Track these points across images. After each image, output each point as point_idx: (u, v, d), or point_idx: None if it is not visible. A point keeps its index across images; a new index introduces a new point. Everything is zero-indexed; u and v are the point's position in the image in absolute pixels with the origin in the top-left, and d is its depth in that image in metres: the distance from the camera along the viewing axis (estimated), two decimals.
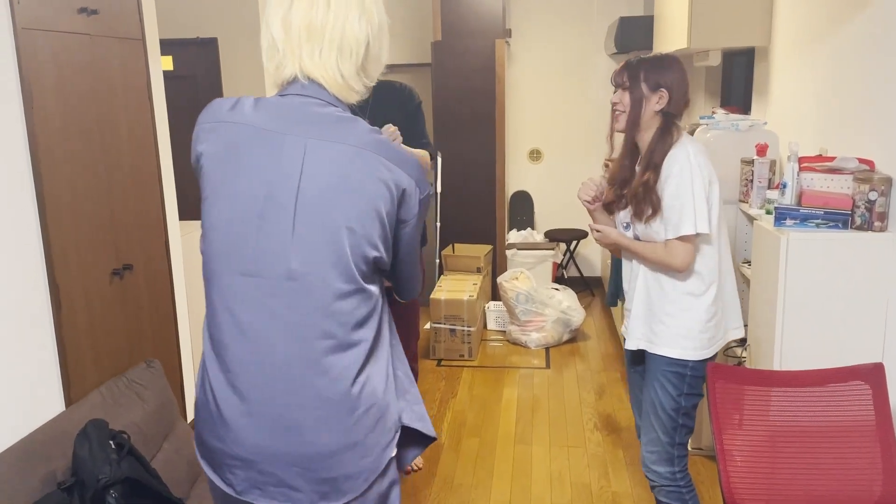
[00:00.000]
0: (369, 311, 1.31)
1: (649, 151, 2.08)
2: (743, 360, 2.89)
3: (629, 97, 2.10)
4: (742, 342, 2.85)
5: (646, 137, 2.12)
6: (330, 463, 1.28)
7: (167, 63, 4.50)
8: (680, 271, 2.09)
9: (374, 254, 1.28)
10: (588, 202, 2.28)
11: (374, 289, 1.32)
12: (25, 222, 2.39)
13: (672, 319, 2.13)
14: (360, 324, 1.30)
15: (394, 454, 1.37)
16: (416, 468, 3.19)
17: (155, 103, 3.20)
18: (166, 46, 4.51)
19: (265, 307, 1.27)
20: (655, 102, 2.08)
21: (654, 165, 2.06)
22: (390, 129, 2.51)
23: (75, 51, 2.58)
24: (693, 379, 2.16)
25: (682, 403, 2.17)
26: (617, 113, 2.14)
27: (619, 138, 2.20)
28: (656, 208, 2.06)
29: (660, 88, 2.06)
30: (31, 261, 2.41)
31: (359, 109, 2.83)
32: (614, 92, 2.16)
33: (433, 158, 2.88)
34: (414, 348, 3.10)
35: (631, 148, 2.18)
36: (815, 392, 2.14)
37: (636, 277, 2.20)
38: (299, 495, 1.29)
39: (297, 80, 1.30)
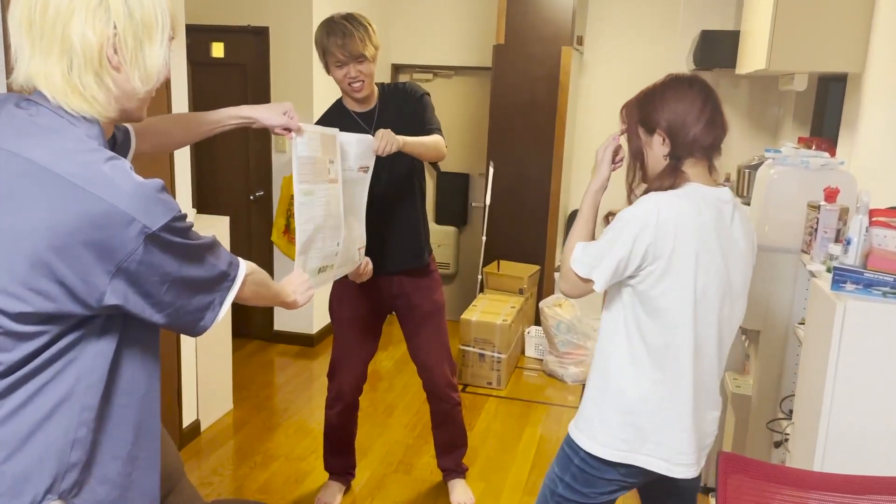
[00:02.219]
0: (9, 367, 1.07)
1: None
2: (787, 437, 2.48)
3: (629, 145, 1.74)
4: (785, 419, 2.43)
5: None
6: None
7: (218, 50, 4.39)
8: (562, 293, 1.75)
9: (1, 302, 1.04)
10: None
11: (17, 342, 1.07)
12: None
13: (588, 391, 1.77)
14: None
15: None
16: None
17: (173, 89, 3.05)
18: (218, 33, 4.41)
19: None
20: (660, 146, 1.68)
21: (630, 203, 1.70)
22: (378, 137, 2.25)
23: None
24: (580, 472, 1.74)
25: (559, 491, 1.78)
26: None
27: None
28: None
29: (657, 129, 1.67)
30: None
31: (366, 116, 2.60)
32: None
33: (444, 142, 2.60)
34: (448, 374, 2.82)
35: None
36: (855, 502, 1.74)
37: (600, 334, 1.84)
38: None
39: (26, 88, 1.11)
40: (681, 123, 1.64)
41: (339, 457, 2.97)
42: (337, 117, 2.60)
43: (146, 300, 1.09)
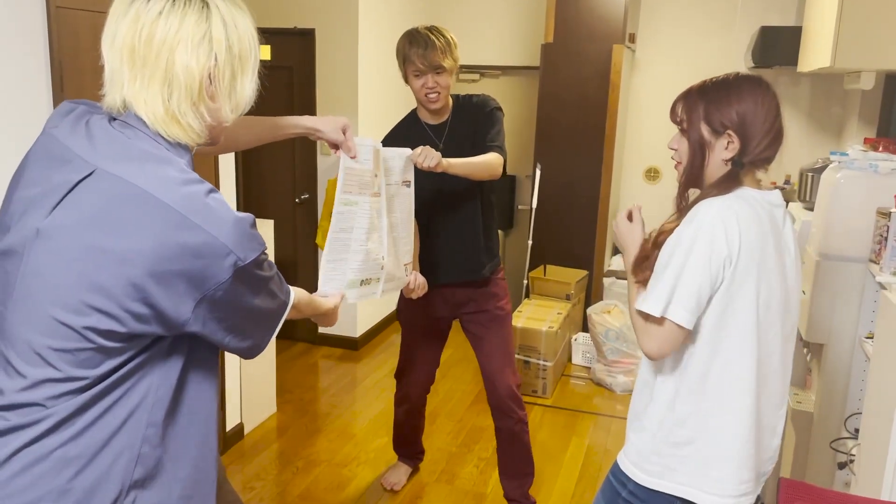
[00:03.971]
0: (79, 387, 1.07)
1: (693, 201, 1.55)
2: (852, 458, 2.33)
3: (687, 143, 1.56)
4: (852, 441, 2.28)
5: None
6: None
7: (265, 52, 4.38)
8: (649, 357, 1.52)
9: (94, 320, 1.04)
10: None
11: (96, 360, 1.07)
12: None
13: (637, 420, 1.63)
14: (58, 394, 1.06)
15: None
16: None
17: None
18: (265, 35, 4.39)
19: None
20: (724, 149, 1.52)
21: (680, 214, 1.54)
22: (416, 152, 2.19)
23: None
24: None
25: None
26: (675, 163, 1.61)
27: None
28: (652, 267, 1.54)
29: (727, 130, 1.50)
30: None
31: (437, 129, 2.55)
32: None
33: (506, 162, 2.54)
34: (511, 385, 2.72)
35: None
36: None
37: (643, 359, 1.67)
38: None
39: (121, 110, 1.13)
40: (756, 126, 1.49)
41: (407, 445, 3.12)
42: (409, 128, 2.61)
43: (220, 325, 1.13)
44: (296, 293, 1.37)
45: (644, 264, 1.56)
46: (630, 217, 1.66)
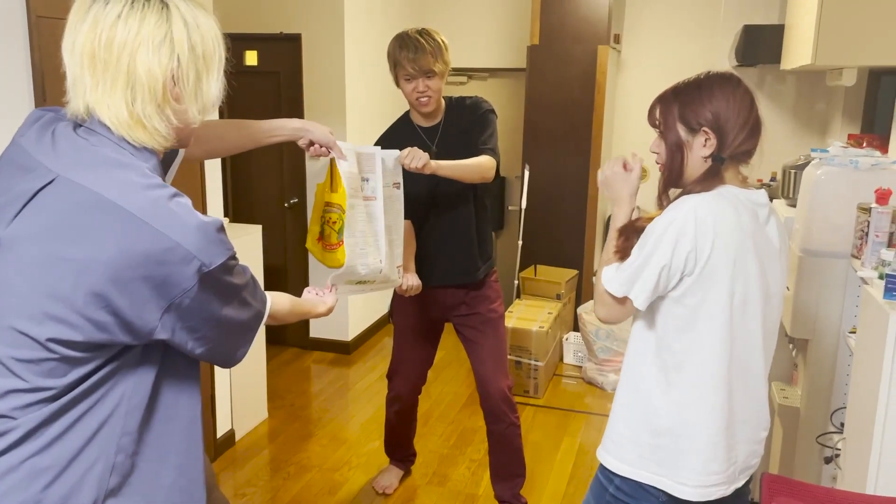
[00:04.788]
0: (47, 397, 1.06)
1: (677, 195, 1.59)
2: (838, 452, 2.34)
3: (664, 144, 1.60)
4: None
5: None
6: None
7: (252, 58, 4.40)
8: (598, 318, 1.64)
9: (56, 331, 1.03)
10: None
11: (59, 372, 1.06)
12: None
13: (617, 410, 1.65)
14: (25, 405, 1.05)
15: None
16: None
17: None
18: (251, 41, 4.42)
19: None
20: (702, 146, 1.55)
21: (662, 207, 1.57)
22: (404, 153, 2.20)
23: None
24: (616, 502, 1.62)
25: None
26: (659, 165, 1.63)
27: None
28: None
29: (702, 128, 1.54)
30: None
31: (430, 131, 2.54)
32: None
33: (499, 164, 2.55)
34: (503, 388, 2.71)
35: None
36: None
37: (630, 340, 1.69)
38: None
39: (84, 117, 1.11)
40: (731, 122, 1.52)
41: (398, 447, 3.11)
42: (402, 130, 2.61)
43: (190, 335, 1.11)
44: (274, 301, 1.35)
45: (626, 245, 1.59)
46: (626, 167, 1.68)
